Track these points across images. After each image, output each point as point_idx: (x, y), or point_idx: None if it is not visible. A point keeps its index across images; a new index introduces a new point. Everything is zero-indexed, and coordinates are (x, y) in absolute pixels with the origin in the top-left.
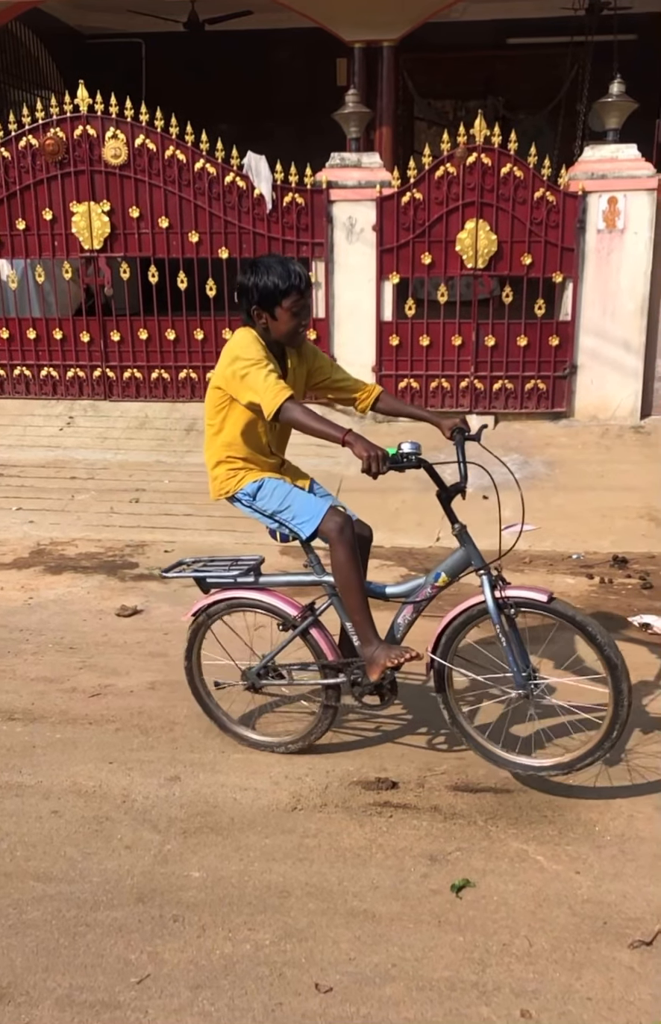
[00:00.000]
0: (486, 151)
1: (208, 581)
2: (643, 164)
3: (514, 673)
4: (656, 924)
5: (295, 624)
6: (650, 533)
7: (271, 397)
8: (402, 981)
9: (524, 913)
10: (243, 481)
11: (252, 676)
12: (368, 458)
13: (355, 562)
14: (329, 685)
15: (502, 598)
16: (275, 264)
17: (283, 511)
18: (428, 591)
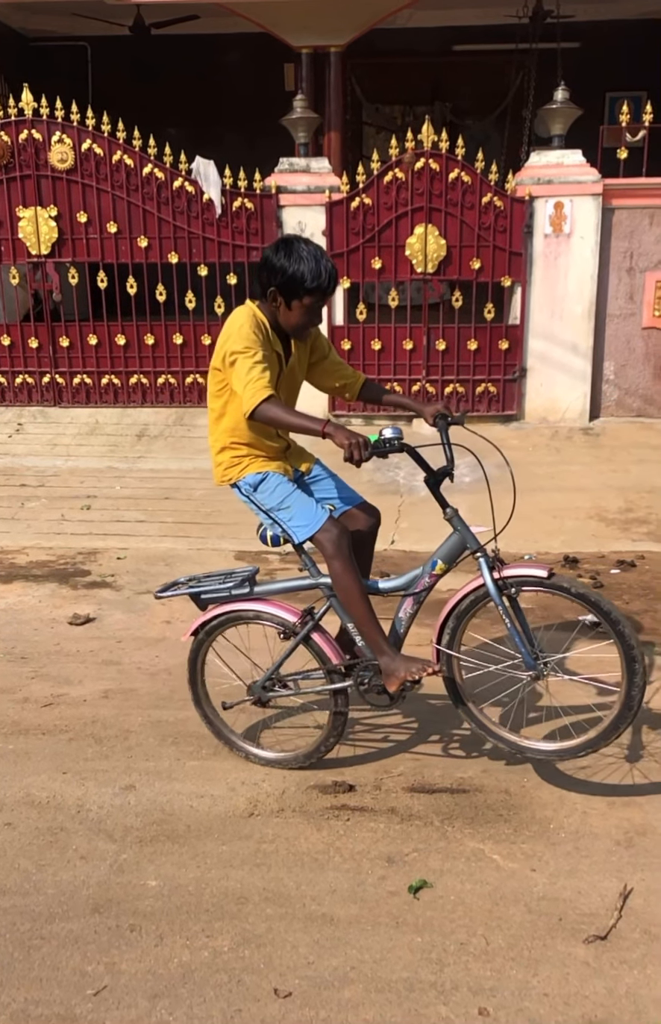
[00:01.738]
0: (434, 156)
1: (203, 597)
2: (588, 170)
3: (523, 654)
4: (610, 919)
5: (296, 631)
6: (600, 533)
7: (249, 395)
8: (361, 983)
9: (481, 912)
10: (246, 470)
11: (258, 690)
12: (349, 446)
13: (354, 573)
14: (337, 691)
15: (501, 578)
16: (309, 257)
17: (281, 510)
18: (426, 581)
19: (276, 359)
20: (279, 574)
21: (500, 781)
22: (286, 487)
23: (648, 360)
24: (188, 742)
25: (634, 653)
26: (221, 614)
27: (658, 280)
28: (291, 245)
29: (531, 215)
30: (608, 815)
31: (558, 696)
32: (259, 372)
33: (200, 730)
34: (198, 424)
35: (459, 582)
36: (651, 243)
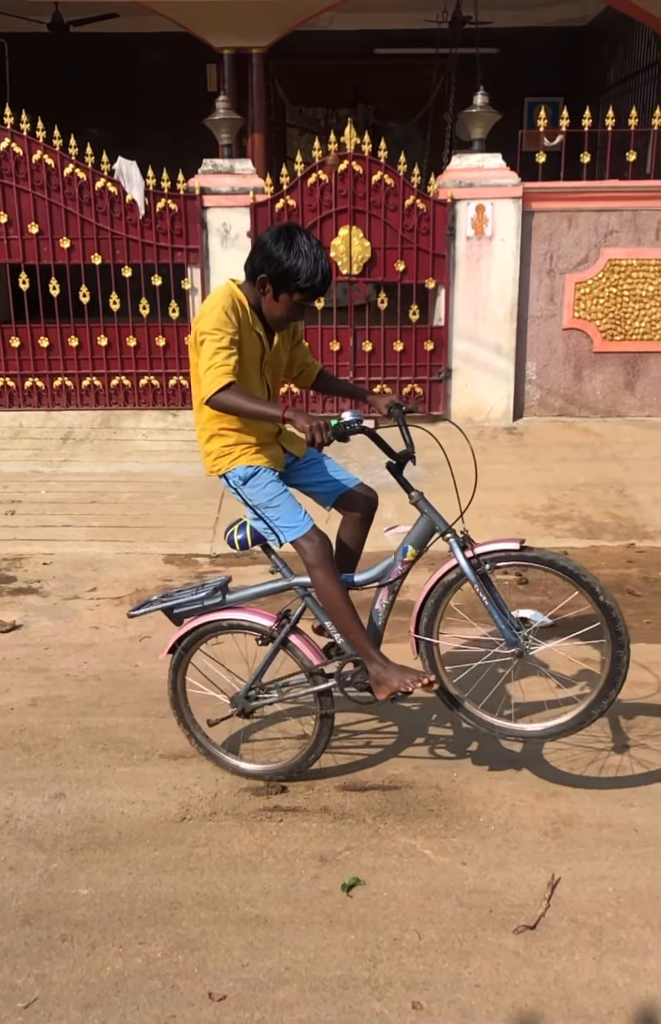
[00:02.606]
0: (357, 159)
1: (176, 612)
2: (508, 173)
3: (503, 630)
4: (539, 909)
5: (273, 636)
6: (524, 530)
7: (208, 382)
8: (295, 983)
9: (413, 907)
10: (237, 461)
11: (241, 700)
12: (311, 429)
13: (338, 582)
14: (321, 692)
15: (475, 556)
16: (309, 253)
17: (270, 508)
18: (399, 568)
19: (257, 340)
20: (210, 577)
21: (431, 777)
22: (276, 486)
23: (569, 360)
24: (118, 748)
25: (615, 615)
26: (196, 627)
27: (577, 282)
28: (293, 237)
29: (453, 218)
30: (536, 807)
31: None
32: (223, 358)
33: (131, 736)
34: (124, 427)
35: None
36: (570, 245)
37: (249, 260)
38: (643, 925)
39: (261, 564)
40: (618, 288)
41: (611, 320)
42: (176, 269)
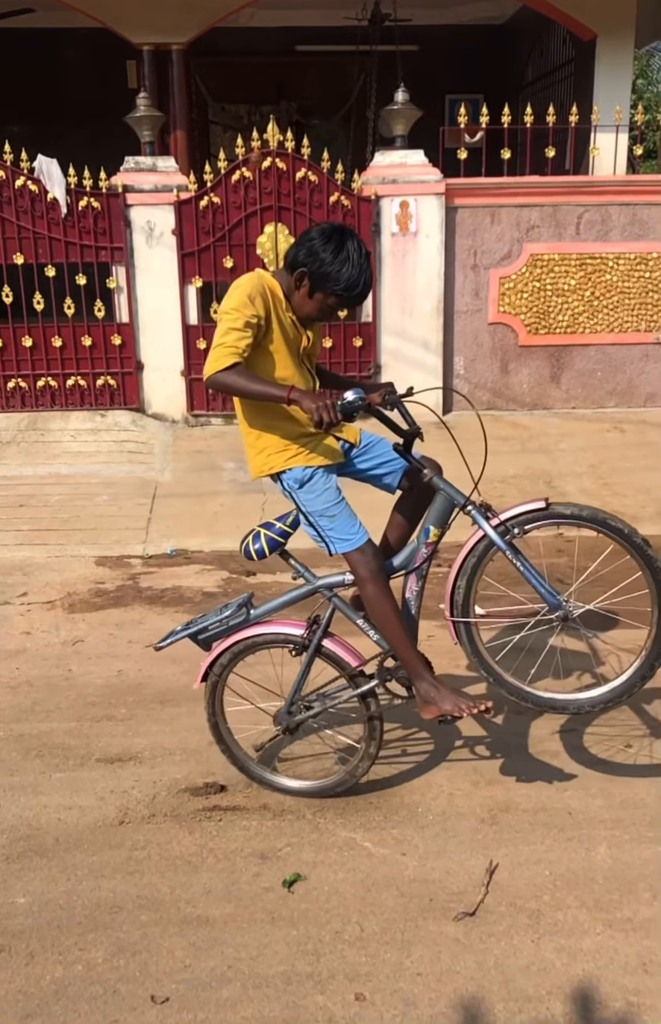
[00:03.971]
0: (281, 156)
1: (202, 637)
2: (430, 169)
3: (544, 594)
4: (478, 895)
5: (307, 644)
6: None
7: (212, 361)
8: (238, 982)
9: (354, 900)
10: (293, 461)
11: (284, 717)
12: (317, 409)
13: (390, 596)
14: (365, 694)
15: (500, 524)
16: (355, 262)
17: (325, 517)
18: (424, 552)
19: (294, 327)
20: (143, 579)
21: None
22: (334, 492)
23: (495, 354)
24: (53, 754)
25: (658, 565)
26: (226, 648)
27: (501, 276)
28: (343, 240)
29: (378, 214)
30: (473, 795)
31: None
32: (234, 339)
33: (66, 741)
34: (52, 428)
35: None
36: (493, 241)
37: (293, 249)
38: (579, 906)
39: (196, 563)
40: (541, 282)
41: (535, 314)
42: (101, 268)
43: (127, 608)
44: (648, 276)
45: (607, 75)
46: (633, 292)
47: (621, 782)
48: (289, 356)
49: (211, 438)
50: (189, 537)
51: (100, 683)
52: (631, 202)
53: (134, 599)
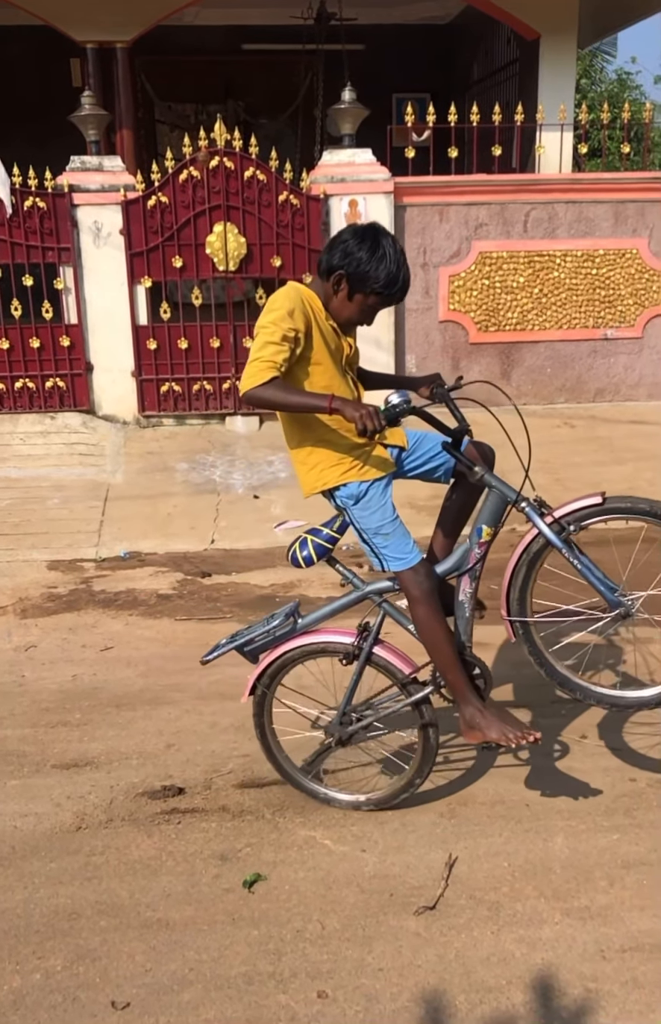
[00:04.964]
0: (228, 155)
1: (248, 649)
2: (379, 168)
3: (603, 592)
4: (438, 889)
5: (357, 652)
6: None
7: (249, 376)
8: (200, 984)
9: (315, 897)
10: (347, 476)
11: (336, 728)
12: (361, 417)
13: (441, 619)
14: (419, 701)
15: (555, 521)
16: (393, 259)
17: (379, 535)
18: (477, 552)
19: (335, 336)
20: (97, 582)
21: None
22: (389, 509)
23: (446, 352)
24: (7, 761)
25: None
26: (274, 660)
27: (451, 274)
28: (377, 238)
29: (327, 213)
30: (431, 789)
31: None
32: (271, 352)
33: (20, 748)
34: (0, 432)
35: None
36: (442, 239)
37: (325, 254)
38: (537, 896)
39: (150, 566)
40: (490, 280)
41: (485, 311)
42: (48, 269)
43: (80, 612)
44: (595, 273)
45: (551, 75)
46: (581, 289)
47: (577, 772)
48: (333, 366)
49: (163, 439)
50: (142, 539)
51: (54, 688)
52: (577, 200)
53: (87, 603)
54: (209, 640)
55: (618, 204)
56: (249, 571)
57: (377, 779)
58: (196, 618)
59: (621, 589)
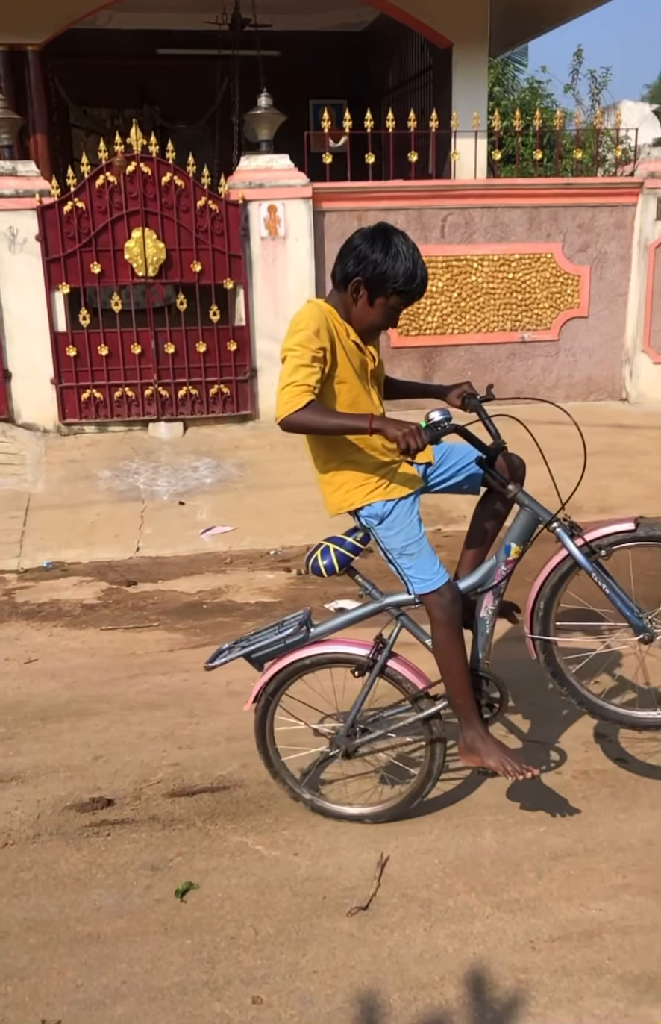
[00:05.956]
0: (145, 160)
1: (255, 656)
2: (297, 174)
3: (629, 617)
4: (370, 889)
5: (371, 665)
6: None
7: (284, 402)
8: (132, 997)
9: (248, 903)
10: (372, 495)
11: (343, 740)
12: (404, 436)
13: (461, 644)
14: (430, 716)
15: (587, 543)
16: (407, 256)
17: (405, 556)
18: (503, 569)
19: (358, 351)
20: (19, 593)
21: (259, 773)
22: (415, 528)
23: None
24: None
25: None
26: (283, 668)
27: None
28: (389, 237)
29: (246, 218)
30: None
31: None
32: (303, 376)
33: None
34: None
35: None
36: None
37: (339, 264)
38: (468, 891)
39: (74, 576)
40: None
41: (405, 316)
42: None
43: (3, 624)
44: (511, 277)
45: (464, 82)
46: (498, 293)
47: None
48: (357, 383)
49: (85, 447)
50: (66, 549)
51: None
52: (492, 205)
53: (10, 615)
54: (136, 649)
55: (532, 210)
56: (176, 578)
57: (376, 792)
58: (122, 628)
59: (649, 616)
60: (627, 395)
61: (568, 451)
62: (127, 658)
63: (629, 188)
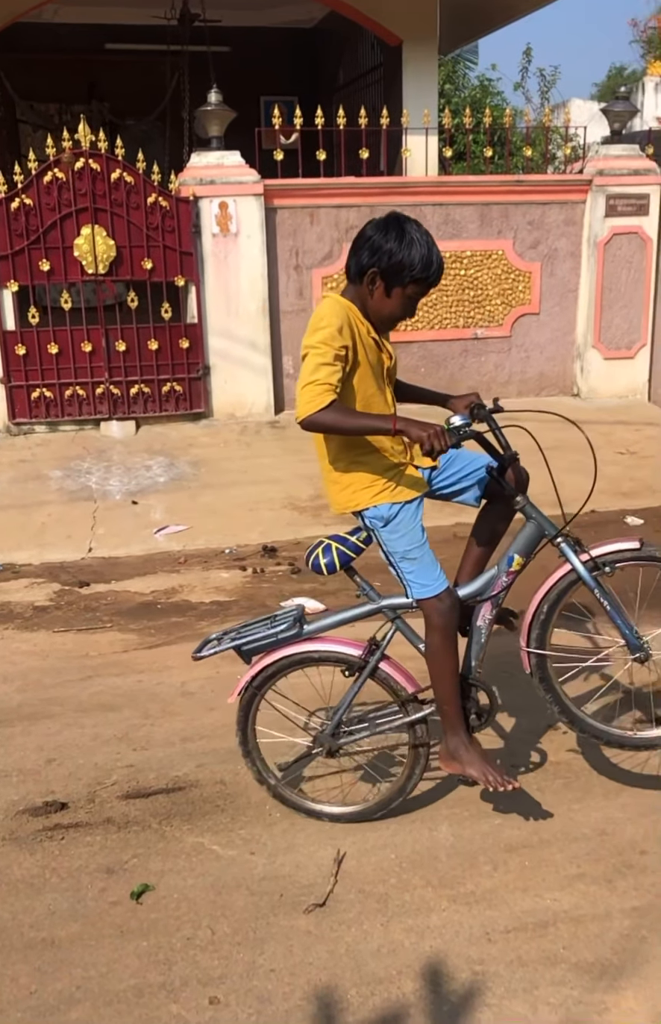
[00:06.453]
0: (94, 156)
1: (245, 649)
2: (248, 170)
3: (627, 636)
4: (328, 885)
5: (362, 665)
6: (294, 521)
7: (306, 401)
8: (88, 1001)
9: (205, 904)
10: (379, 497)
11: (326, 739)
12: (429, 437)
13: (454, 651)
14: (416, 721)
15: (590, 559)
16: (421, 242)
17: (406, 560)
18: (504, 580)
19: (376, 349)
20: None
21: (215, 773)
22: (418, 533)
23: None
24: None
25: None
26: (273, 662)
27: (324, 276)
28: (402, 226)
29: (197, 215)
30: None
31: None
32: (326, 374)
33: None
34: None
35: None
36: (314, 241)
37: (352, 258)
38: (424, 885)
39: (25, 577)
40: None
41: None
42: None
43: None
44: (463, 274)
45: (415, 80)
46: (450, 290)
47: None
48: (373, 382)
49: (35, 447)
50: (16, 551)
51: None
52: (444, 202)
53: None
54: (88, 651)
55: (483, 207)
56: (129, 578)
57: (354, 791)
58: (75, 629)
59: (647, 643)
60: (578, 390)
61: (520, 446)
62: (80, 660)
63: (579, 185)
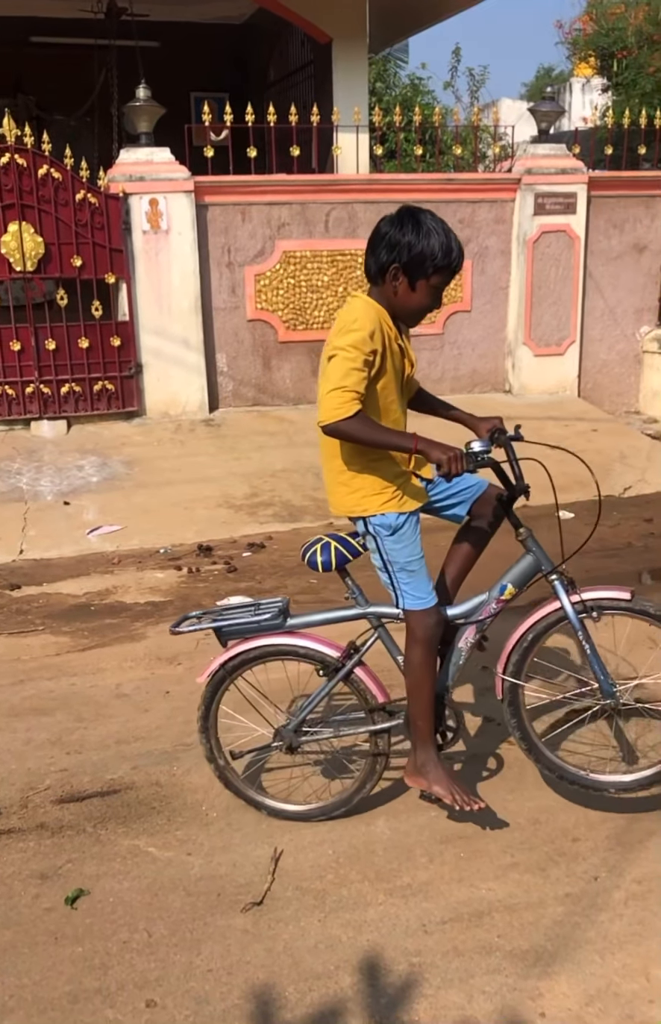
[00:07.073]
0: (20, 152)
1: (225, 631)
2: (178, 167)
3: (601, 681)
4: (265, 883)
5: (337, 667)
6: (229, 519)
7: (332, 407)
8: (22, 1010)
9: (141, 906)
10: (387, 506)
11: (288, 734)
12: (449, 460)
13: (433, 665)
14: (379, 731)
15: (580, 602)
16: (438, 230)
17: (403, 571)
18: (493, 607)
19: (401, 354)
20: None
21: (150, 775)
22: (417, 546)
23: (256, 351)
24: None
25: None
26: (249, 649)
27: (256, 274)
28: (417, 217)
29: (127, 212)
30: None
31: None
32: (355, 381)
33: None
34: None
35: None
36: (246, 238)
37: (370, 257)
38: (361, 880)
39: None
40: (295, 279)
41: (292, 310)
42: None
43: None
44: None
45: (345, 78)
46: None
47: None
48: (394, 387)
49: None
50: None
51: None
52: (376, 200)
53: None
54: (20, 655)
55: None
56: (62, 580)
57: (301, 789)
58: (5, 633)
59: (620, 692)
60: (510, 387)
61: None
62: (11, 664)
63: (508, 184)
